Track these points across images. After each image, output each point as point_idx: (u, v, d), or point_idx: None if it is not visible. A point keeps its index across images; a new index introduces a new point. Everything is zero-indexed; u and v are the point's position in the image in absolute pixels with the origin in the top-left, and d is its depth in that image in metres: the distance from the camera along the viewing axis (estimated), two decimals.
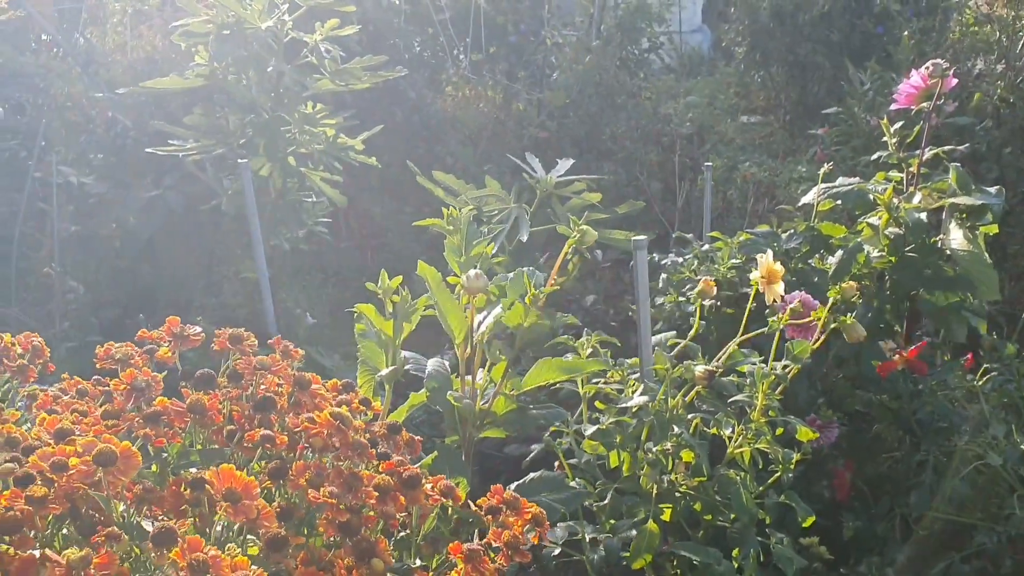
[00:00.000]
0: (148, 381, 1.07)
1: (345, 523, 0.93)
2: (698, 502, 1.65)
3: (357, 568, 0.91)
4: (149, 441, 1.00)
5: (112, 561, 0.88)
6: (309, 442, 1.01)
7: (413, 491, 1.00)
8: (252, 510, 0.90)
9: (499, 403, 1.49)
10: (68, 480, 0.95)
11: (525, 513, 1.05)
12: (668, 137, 4.43)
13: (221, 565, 0.85)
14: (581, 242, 1.37)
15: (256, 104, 2.59)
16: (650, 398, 1.57)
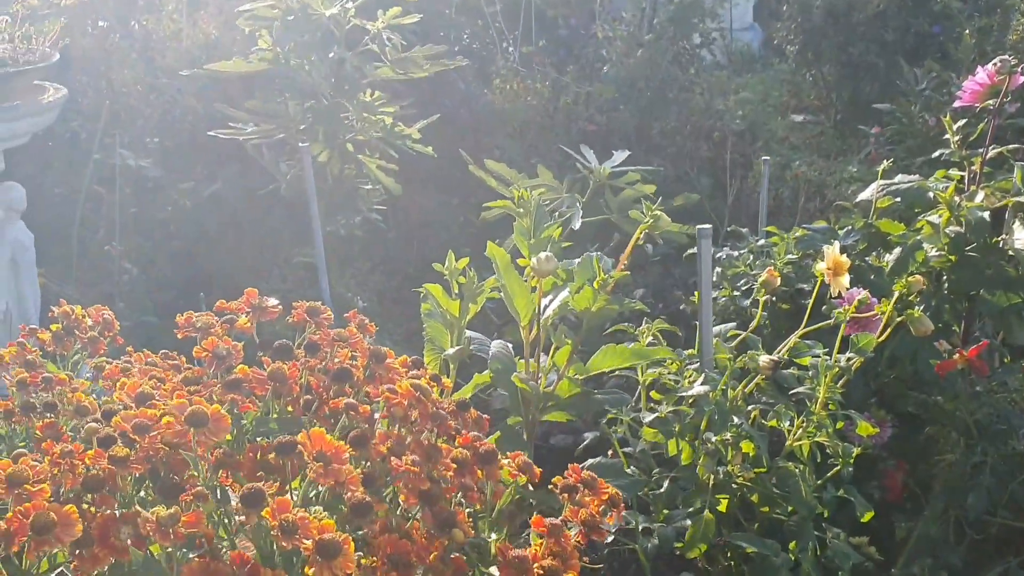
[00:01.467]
0: (229, 349, 1.09)
1: (426, 492, 0.95)
2: (755, 494, 1.64)
3: (437, 537, 0.93)
4: (236, 406, 1.02)
5: (199, 519, 0.90)
6: (390, 412, 1.02)
7: (490, 466, 1.02)
8: (342, 473, 0.92)
9: (563, 386, 1.49)
10: (151, 441, 0.97)
11: (602, 493, 1.06)
12: (719, 133, 4.40)
13: (309, 526, 0.86)
14: (654, 227, 1.37)
15: (316, 90, 2.62)
16: (711, 388, 1.57)
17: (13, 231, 2.79)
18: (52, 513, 0.91)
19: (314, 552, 0.85)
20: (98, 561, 0.93)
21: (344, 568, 0.85)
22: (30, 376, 1.41)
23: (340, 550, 0.86)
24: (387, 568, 0.89)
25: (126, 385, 1.10)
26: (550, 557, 0.95)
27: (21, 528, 0.90)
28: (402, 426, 1.03)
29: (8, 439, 1.48)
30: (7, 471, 0.95)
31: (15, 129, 2.68)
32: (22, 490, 0.93)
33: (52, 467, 0.98)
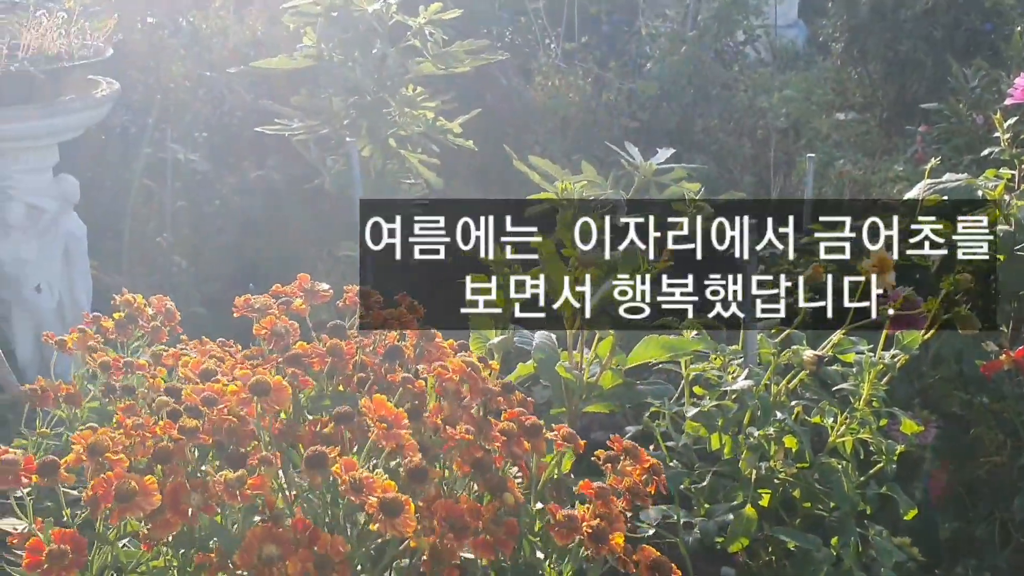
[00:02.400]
0: (287, 328, 1.13)
1: (479, 459, 0.99)
2: (797, 489, 1.64)
3: (490, 502, 0.96)
4: (295, 379, 1.06)
5: (264, 483, 0.94)
6: (442, 387, 1.06)
7: (535, 438, 1.05)
8: (403, 437, 0.95)
9: (606, 377, 1.51)
10: (219, 413, 1.01)
11: (644, 462, 1.09)
12: (763, 131, 4.38)
13: (374, 485, 0.90)
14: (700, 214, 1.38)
15: (360, 86, 2.66)
16: (754, 382, 1.58)
17: (67, 222, 2.87)
18: (133, 482, 0.96)
19: (378, 509, 0.88)
20: (169, 527, 0.97)
21: (406, 526, 0.89)
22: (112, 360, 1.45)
23: (402, 508, 0.89)
24: (444, 530, 0.93)
25: (189, 363, 1.15)
26: (597, 518, 0.98)
27: (105, 495, 0.95)
28: (453, 400, 1.06)
29: (69, 422, 1.53)
30: (89, 441, 0.99)
31: (70, 122, 2.75)
32: (103, 459, 0.98)
33: (126, 439, 1.02)
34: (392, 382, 1.09)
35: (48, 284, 2.83)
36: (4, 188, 2.73)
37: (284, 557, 0.93)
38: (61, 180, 2.85)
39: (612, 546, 1.01)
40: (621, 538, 1.03)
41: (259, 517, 1.02)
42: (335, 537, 0.94)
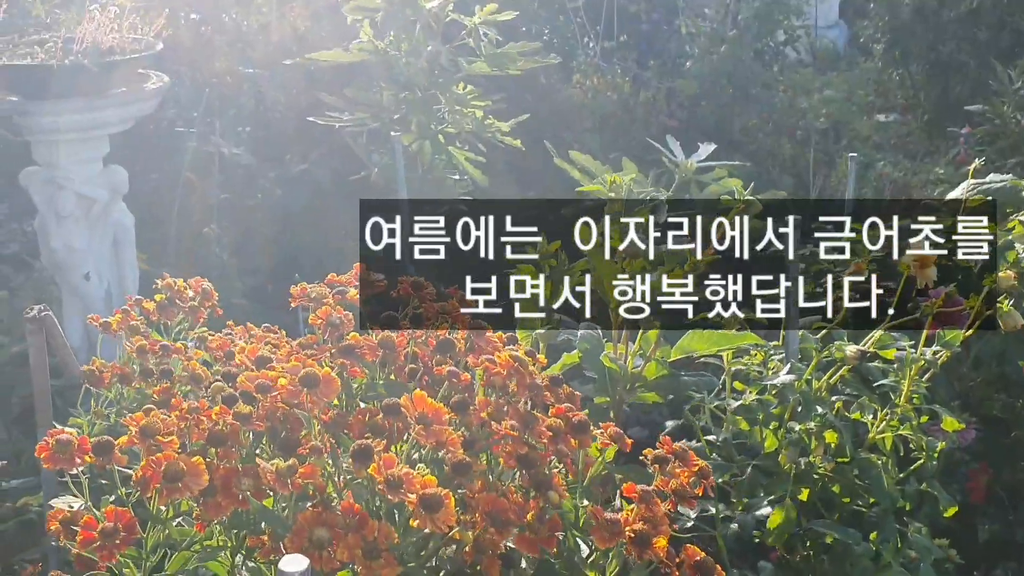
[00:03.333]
0: (341, 318, 1.16)
1: (524, 455, 0.99)
2: (837, 484, 1.65)
3: (534, 498, 0.97)
4: (345, 370, 1.08)
5: (314, 472, 0.96)
6: (489, 380, 1.08)
7: (583, 435, 1.06)
8: (442, 433, 0.97)
9: (650, 368, 1.53)
10: (272, 400, 1.04)
11: (692, 465, 1.09)
12: (802, 131, 4.36)
13: (413, 481, 0.92)
14: (746, 211, 1.39)
15: (412, 81, 2.69)
16: (796, 377, 1.58)
17: (116, 212, 2.93)
18: (182, 463, 0.99)
19: (418, 505, 0.90)
20: (220, 509, 1.00)
21: (446, 521, 0.90)
22: (149, 344, 1.49)
23: (442, 504, 0.91)
24: (486, 524, 0.94)
25: (245, 349, 1.17)
26: (641, 522, 0.98)
27: (154, 476, 0.98)
28: (500, 395, 1.07)
29: (117, 402, 1.57)
30: (141, 423, 1.02)
31: (121, 115, 2.81)
32: (154, 441, 1.01)
33: (180, 422, 1.05)
34: (440, 374, 1.11)
35: (97, 272, 2.90)
36: (57, 178, 2.80)
37: (334, 541, 0.94)
38: (111, 171, 2.92)
39: (655, 550, 1.01)
40: (664, 541, 1.02)
41: (310, 503, 1.03)
42: (383, 524, 0.96)
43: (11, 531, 1.73)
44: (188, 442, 1.05)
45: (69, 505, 1.04)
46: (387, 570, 0.91)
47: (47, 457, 1.01)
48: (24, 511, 1.73)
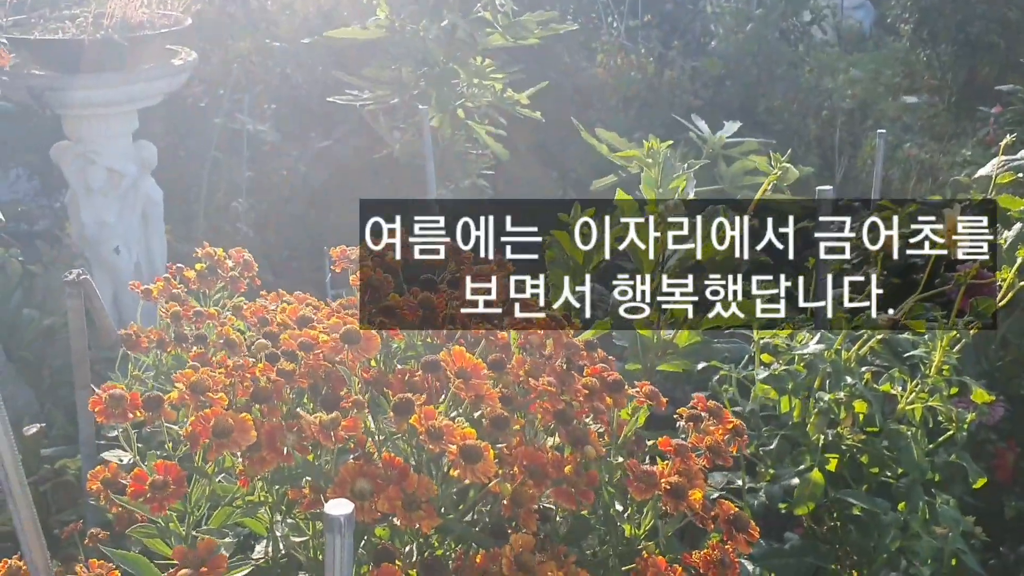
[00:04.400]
0: (381, 280, 1.17)
1: (561, 411, 1.01)
2: (865, 454, 1.65)
3: (571, 453, 0.98)
4: (385, 328, 1.09)
5: (357, 425, 0.98)
6: (527, 340, 1.09)
7: (618, 393, 1.07)
8: (481, 387, 0.98)
9: (683, 335, 1.53)
10: (315, 358, 1.05)
11: (727, 422, 1.10)
12: (828, 112, 4.33)
13: (454, 432, 0.93)
14: (782, 180, 1.39)
15: (430, 56, 2.69)
16: (826, 346, 1.59)
17: (145, 187, 2.96)
18: (230, 419, 1.00)
19: (458, 456, 0.91)
20: (265, 463, 1.01)
21: (485, 472, 0.91)
22: (183, 309, 1.51)
23: (482, 455, 0.92)
24: (524, 477, 0.95)
25: (286, 310, 1.19)
26: (676, 475, 0.99)
27: (204, 431, 0.99)
28: (537, 354, 1.08)
29: (155, 367, 1.60)
30: (191, 379, 1.04)
31: (150, 89, 2.84)
32: (204, 397, 1.03)
33: (227, 378, 1.07)
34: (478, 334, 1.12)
35: (127, 246, 2.93)
36: (87, 152, 2.83)
37: (375, 493, 0.96)
38: (140, 146, 2.94)
39: (690, 502, 1.02)
40: (700, 494, 1.03)
41: (351, 456, 1.05)
42: (423, 477, 0.97)
43: (49, 493, 1.77)
44: (233, 399, 1.07)
45: (119, 458, 1.06)
46: (426, 521, 0.93)
47: (100, 411, 1.03)
48: (62, 473, 1.77)
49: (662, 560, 0.91)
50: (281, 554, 1.19)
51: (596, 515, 1.03)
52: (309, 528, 1.19)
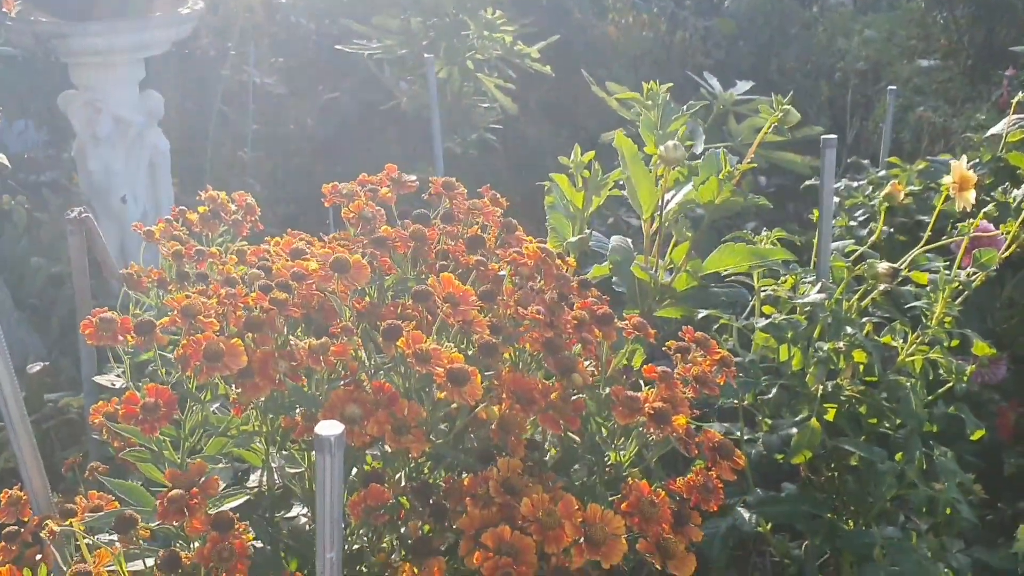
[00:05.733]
0: (373, 213, 1.16)
1: (549, 340, 1.01)
2: (864, 405, 1.65)
3: (559, 380, 0.98)
4: (375, 259, 1.09)
5: (346, 350, 0.98)
6: (517, 271, 1.08)
7: (607, 326, 1.07)
8: (469, 314, 0.98)
9: (681, 280, 1.53)
10: (307, 288, 1.06)
11: (714, 353, 1.10)
12: (841, 73, 4.29)
13: (441, 356, 0.93)
14: (784, 121, 1.38)
15: (439, 7, 2.67)
16: (827, 296, 1.58)
17: (152, 136, 2.96)
18: (221, 344, 1.01)
19: (445, 379, 0.92)
20: (257, 390, 1.02)
21: (472, 394, 0.92)
22: (185, 248, 1.52)
23: (468, 378, 0.92)
24: (512, 403, 0.95)
25: (280, 242, 1.19)
26: (661, 401, 0.99)
27: (195, 353, 1.00)
28: (527, 285, 1.08)
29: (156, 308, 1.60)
30: (183, 304, 1.04)
31: (157, 38, 2.82)
32: (195, 321, 1.03)
33: (219, 306, 1.07)
34: (470, 264, 1.12)
35: (134, 196, 2.94)
36: (94, 101, 2.82)
37: (365, 418, 0.96)
38: (147, 95, 2.93)
39: (675, 427, 1.01)
40: (684, 420, 1.03)
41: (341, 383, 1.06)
42: (412, 403, 0.98)
43: (53, 431, 1.79)
44: (226, 327, 1.07)
45: (112, 382, 1.06)
46: (416, 445, 0.93)
47: (91, 334, 1.03)
48: (65, 411, 1.78)
49: (645, 484, 0.92)
50: (277, 485, 1.21)
51: (583, 445, 1.03)
52: (304, 460, 1.20)
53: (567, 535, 0.85)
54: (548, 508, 0.86)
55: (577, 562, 0.85)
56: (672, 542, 0.90)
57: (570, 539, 0.85)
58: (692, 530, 0.92)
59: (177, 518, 0.93)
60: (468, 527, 0.91)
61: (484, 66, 2.82)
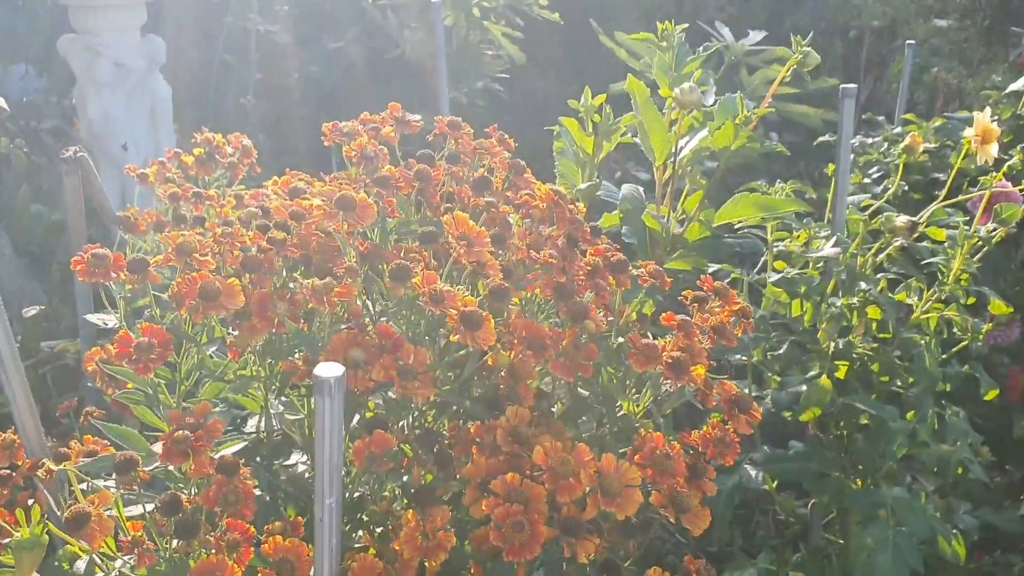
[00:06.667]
0: (376, 151, 1.12)
1: (561, 285, 0.97)
2: (876, 362, 1.61)
3: (571, 327, 0.95)
4: (380, 199, 1.05)
5: (350, 291, 0.94)
6: (529, 214, 1.04)
7: (621, 273, 1.03)
8: (483, 255, 0.94)
9: (693, 230, 1.48)
10: (306, 228, 1.02)
11: (733, 303, 1.06)
12: (856, 31, 4.20)
13: (455, 298, 0.90)
14: (803, 64, 1.33)
15: None
16: (841, 250, 1.54)
17: (153, 83, 2.90)
18: (217, 282, 0.97)
19: (458, 322, 0.88)
20: (255, 332, 0.98)
21: (486, 339, 0.88)
22: (182, 190, 1.47)
23: (483, 322, 0.88)
24: (523, 348, 0.92)
25: (278, 181, 1.15)
26: (679, 351, 0.96)
27: (190, 292, 0.96)
28: (538, 228, 1.04)
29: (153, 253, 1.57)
30: (178, 241, 1.00)
31: None
32: (190, 259, 0.99)
33: (216, 245, 1.03)
34: (478, 206, 1.07)
35: (135, 143, 2.88)
36: (94, 45, 2.76)
37: (369, 362, 0.92)
38: (148, 40, 2.87)
39: (692, 377, 0.98)
40: (703, 370, 1.00)
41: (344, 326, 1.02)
42: (419, 348, 0.94)
43: (49, 376, 1.76)
44: (223, 267, 1.04)
45: (104, 321, 1.03)
46: (422, 391, 0.90)
47: (82, 270, 0.99)
48: (62, 357, 1.76)
49: (659, 436, 0.89)
50: (276, 430, 1.18)
51: (593, 396, 1.00)
52: (304, 407, 1.17)
53: (581, 484, 0.82)
54: (562, 456, 0.83)
55: (591, 512, 0.82)
56: (686, 496, 0.87)
57: (584, 489, 0.82)
58: (707, 484, 0.89)
59: (181, 460, 0.90)
60: (474, 475, 0.88)
61: (491, 14, 2.75)
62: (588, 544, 0.81)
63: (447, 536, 0.87)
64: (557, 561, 0.86)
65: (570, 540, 0.80)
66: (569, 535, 0.81)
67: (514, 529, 0.79)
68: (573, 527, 0.81)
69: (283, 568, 0.91)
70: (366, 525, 1.01)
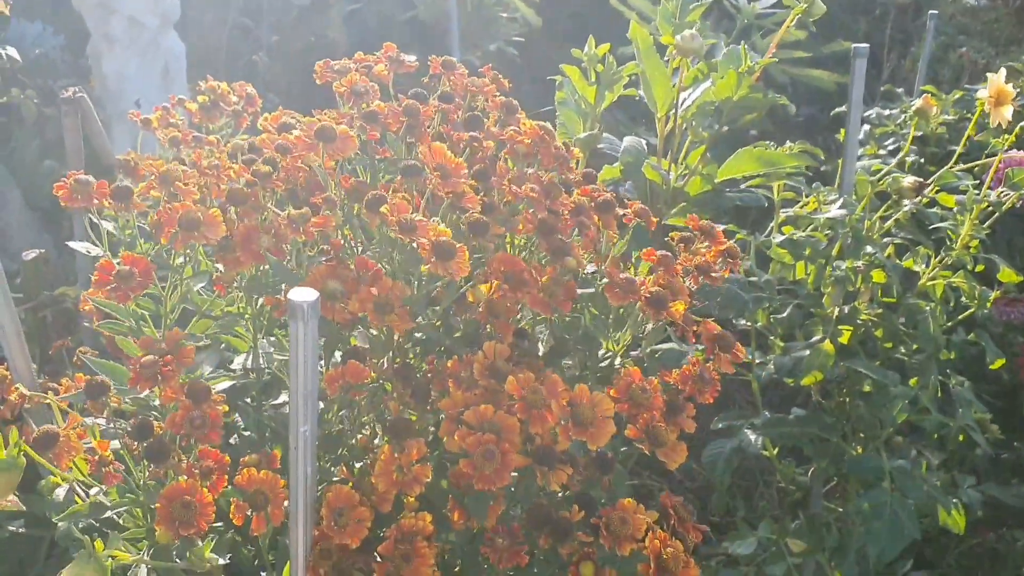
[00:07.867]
0: (367, 87, 1.10)
1: (544, 220, 0.94)
2: (880, 328, 1.59)
3: (551, 264, 0.93)
4: (364, 133, 1.04)
5: (328, 222, 0.93)
6: (513, 149, 1.02)
7: (606, 213, 1.01)
8: (460, 186, 0.92)
9: (694, 183, 1.46)
10: (291, 161, 1.00)
11: (719, 243, 1.04)
12: (881, 7, 4.13)
13: (426, 228, 0.88)
14: (808, 13, 1.30)
15: None
16: (848, 212, 1.51)
17: (167, 40, 2.89)
18: (199, 213, 0.96)
19: (430, 251, 0.86)
20: (239, 264, 0.97)
21: (459, 269, 0.86)
22: (182, 134, 1.47)
23: (455, 252, 0.87)
24: (501, 282, 0.90)
25: (268, 117, 1.13)
26: (658, 286, 0.93)
27: (170, 221, 0.95)
28: (523, 163, 1.02)
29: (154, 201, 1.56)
30: (161, 169, 0.99)
31: None
32: (172, 188, 0.98)
33: (201, 177, 1.02)
34: (462, 140, 1.05)
35: (148, 101, 2.88)
36: (107, 1, 2.76)
37: (347, 294, 0.91)
38: None
39: (672, 312, 0.95)
40: (682, 306, 0.97)
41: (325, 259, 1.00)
42: (396, 281, 0.92)
43: (48, 319, 1.76)
44: (209, 200, 1.03)
45: (88, 249, 1.02)
46: (399, 324, 0.89)
47: (64, 195, 0.99)
48: (61, 301, 1.76)
49: (636, 371, 0.87)
50: (265, 369, 1.17)
51: (575, 336, 0.98)
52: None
53: (553, 415, 0.80)
54: (534, 387, 0.81)
55: (563, 443, 0.81)
56: (663, 430, 0.85)
57: (556, 419, 0.80)
58: (684, 420, 0.87)
59: (149, 385, 0.89)
60: (450, 408, 0.86)
61: None
62: (560, 474, 0.79)
63: (423, 470, 0.86)
64: (534, 493, 0.84)
65: (543, 469, 0.79)
66: (541, 464, 0.79)
67: (484, 457, 0.78)
68: (545, 456, 0.79)
69: (257, 500, 0.90)
70: (345, 459, 1.00)
